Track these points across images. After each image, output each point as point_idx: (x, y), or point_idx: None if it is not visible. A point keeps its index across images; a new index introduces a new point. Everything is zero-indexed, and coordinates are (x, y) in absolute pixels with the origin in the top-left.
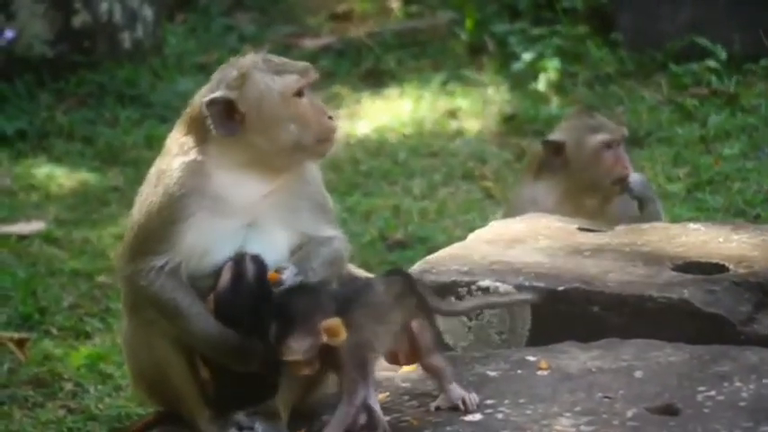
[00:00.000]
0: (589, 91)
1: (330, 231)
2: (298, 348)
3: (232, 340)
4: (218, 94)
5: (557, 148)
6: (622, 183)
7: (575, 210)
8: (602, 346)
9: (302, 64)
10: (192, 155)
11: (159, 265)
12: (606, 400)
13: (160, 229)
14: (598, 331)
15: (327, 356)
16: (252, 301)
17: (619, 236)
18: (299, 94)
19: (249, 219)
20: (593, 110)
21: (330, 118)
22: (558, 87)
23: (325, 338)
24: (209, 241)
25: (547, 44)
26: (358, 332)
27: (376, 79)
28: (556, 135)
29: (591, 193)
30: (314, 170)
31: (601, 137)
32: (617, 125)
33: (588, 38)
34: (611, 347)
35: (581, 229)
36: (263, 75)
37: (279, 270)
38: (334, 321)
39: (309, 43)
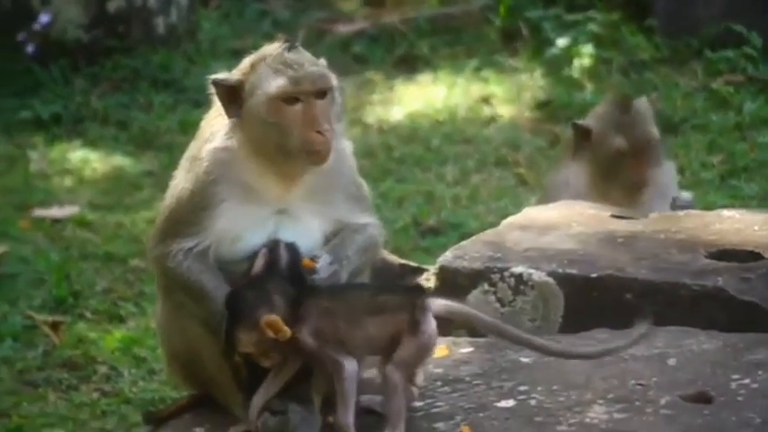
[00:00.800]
0: (624, 77)
1: (365, 218)
2: (247, 341)
3: None
4: (222, 75)
5: (585, 133)
6: (636, 187)
7: (602, 197)
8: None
9: (308, 71)
10: (223, 141)
11: (188, 247)
12: (639, 387)
13: (191, 213)
14: (631, 319)
15: (301, 350)
16: None
17: (652, 223)
18: (291, 100)
19: (280, 206)
20: (632, 98)
21: (319, 133)
22: (593, 73)
23: (270, 334)
24: (240, 227)
25: (581, 30)
26: (318, 319)
27: (409, 65)
28: (587, 120)
29: (612, 183)
30: (348, 157)
31: (621, 141)
32: (649, 125)
33: (623, 24)
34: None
35: (614, 216)
36: (264, 70)
37: (313, 258)
38: (273, 318)
39: (343, 29)
